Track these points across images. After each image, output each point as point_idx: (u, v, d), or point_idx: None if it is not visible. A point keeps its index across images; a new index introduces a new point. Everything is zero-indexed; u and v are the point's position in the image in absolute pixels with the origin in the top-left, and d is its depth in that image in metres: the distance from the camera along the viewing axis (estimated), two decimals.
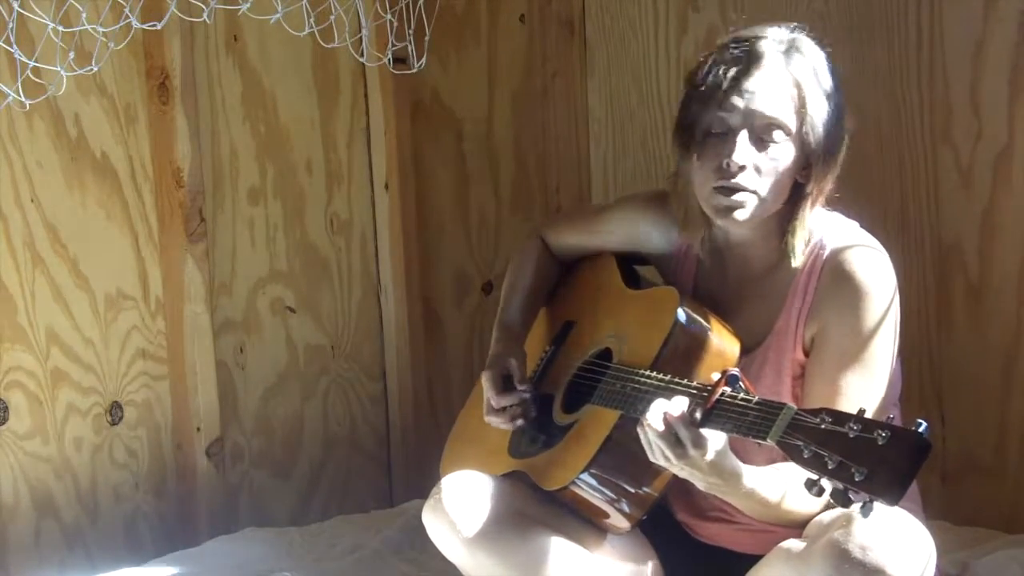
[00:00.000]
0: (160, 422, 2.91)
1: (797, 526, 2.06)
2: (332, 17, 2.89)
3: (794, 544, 2.02)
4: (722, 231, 2.20)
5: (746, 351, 2.14)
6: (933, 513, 2.42)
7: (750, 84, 2.08)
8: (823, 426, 1.76)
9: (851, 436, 1.72)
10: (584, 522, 2.21)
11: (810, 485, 1.75)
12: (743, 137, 2.07)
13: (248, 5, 2.73)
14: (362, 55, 3.01)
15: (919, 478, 2.20)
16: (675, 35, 3.18)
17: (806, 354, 2.13)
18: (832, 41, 2.88)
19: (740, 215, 2.10)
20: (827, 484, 1.74)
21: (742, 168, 2.07)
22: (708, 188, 2.11)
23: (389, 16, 2.98)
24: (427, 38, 3.03)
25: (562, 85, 3.39)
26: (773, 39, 2.13)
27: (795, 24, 2.19)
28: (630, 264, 2.40)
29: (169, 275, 2.88)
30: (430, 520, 2.23)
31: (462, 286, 3.33)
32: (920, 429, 1.69)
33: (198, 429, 2.91)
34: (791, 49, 2.12)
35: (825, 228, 2.16)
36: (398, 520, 2.90)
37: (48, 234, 2.74)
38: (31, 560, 2.75)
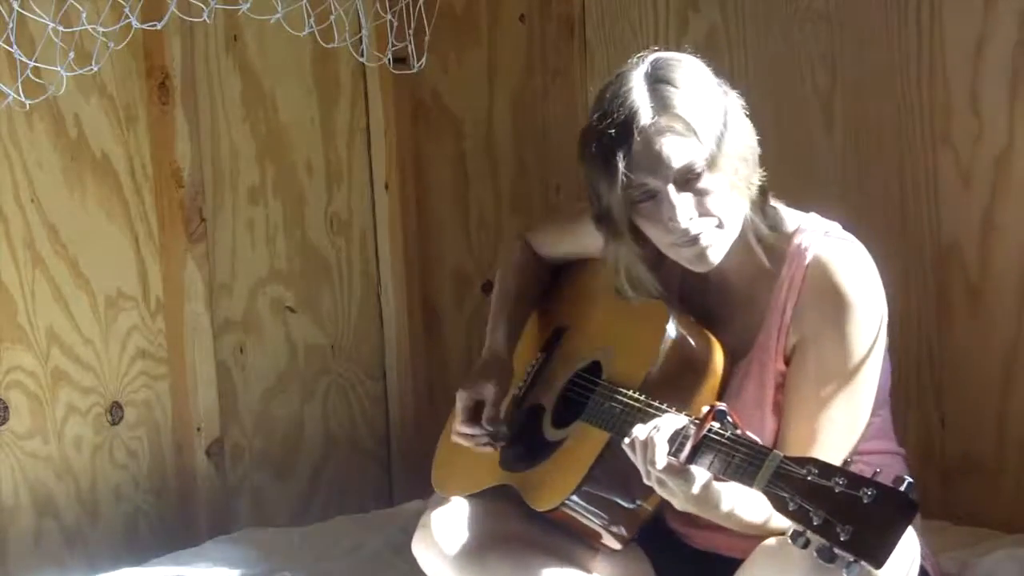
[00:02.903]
0: (160, 422, 2.91)
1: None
2: (332, 17, 2.89)
3: (777, 540, 2.01)
4: None
5: (731, 363, 2.10)
6: (932, 513, 2.42)
7: (645, 149, 1.99)
8: (809, 478, 1.73)
9: (836, 491, 1.70)
10: (576, 539, 2.19)
11: (795, 537, 1.73)
12: (672, 193, 2.00)
13: (248, 5, 2.74)
14: (362, 55, 3.01)
15: (917, 478, 2.22)
16: (675, 36, 3.18)
17: (787, 363, 2.08)
18: (832, 41, 2.91)
19: (714, 256, 2.05)
20: (813, 538, 1.71)
21: (689, 219, 2.01)
22: (668, 246, 2.06)
23: (389, 16, 2.98)
24: (427, 38, 3.03)
25: (562, 85, 3.39)
26: (635, 87, 2.02)
27: (644, 54, 2.09)
28: None
29: (169, 275, 2.88)
30: (420, 551, 2.22)
31: (462, 286, 3.33)
32: (904, 488, 1.67)
33: (198, 429, 2.91)
34: (655, 84, 2.03)
35: (804, 231, 2.11)
36: (398, 520, 2.90)
37: (48, 234, 2.74)
38: (31, 560, 2.75)
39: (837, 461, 1.92)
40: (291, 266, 3.07)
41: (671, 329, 2.10)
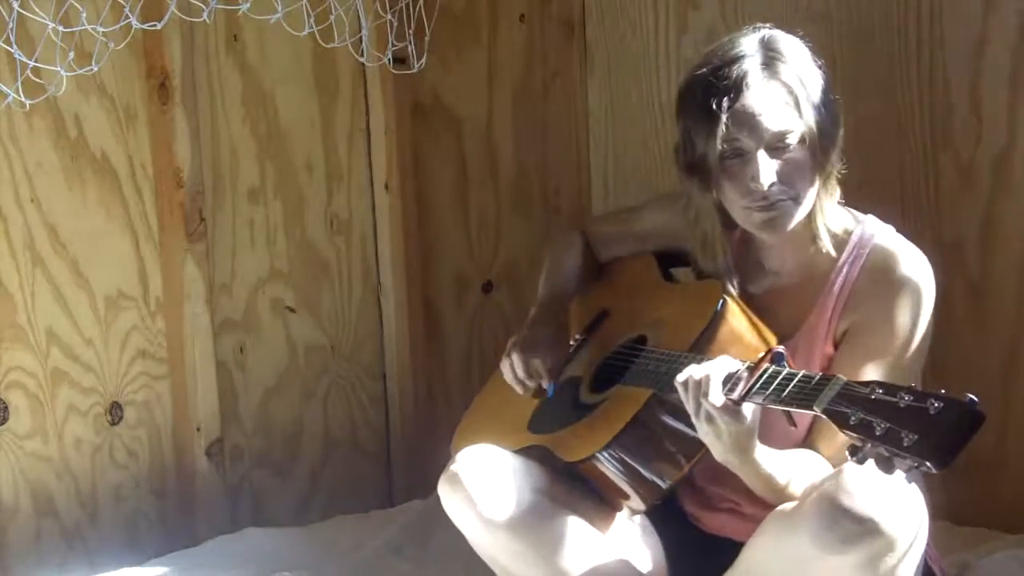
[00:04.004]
0: (160, 422, 2.91)
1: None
2: (332, 17, 2.89)
3: (788, 505, 2.03)
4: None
5: (778, 343, 2.14)
6: (933, 513, 2.41)
7: (749, 106, 2.09)
8: (873, 396, 1.76)
9: (902, 405, 1.73)
10: (596, 503, 2.22)
11: (853, 451, 1.74)
12: (762, 156, 2.09)
13: (248, 5, 2.73)
14: (362, 55, 3.01)
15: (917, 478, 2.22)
16: (675, 35, 3.18)
17: (835, 347, 2.15)
18: (832, 41, 2.91)
19: (783, 225, 2.13)
20: (871, 451, 1.72)
21: (771, 186, 2.09)
22: (741, 208, 2.14)
23: (389, 16, 2.98)
24: (427, 38, 3.03)
25: (562, 85, 3.39)
26: (749, 51, 2.13)
27: (757, 24, 2.20)
28: (668, 264, 2.43)
29: (169, 275, 2.88)
30: (447, 493, 2.21)
31: (462, 286, 3.33)
32: (969, 401, 1.70)
33: (198, 429, 2.91)
34: (769, 53, 2.13)
35: (865, 228, 2.19)
36: (398, 520, 2.90)
37: (48, 234, 2.74)
38: (31, 560, 2.75)
39: None
40: (291, 266, 3.07)
41: (723, 304, 2.15)
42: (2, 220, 2.68)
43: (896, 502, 1.91)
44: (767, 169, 2.09)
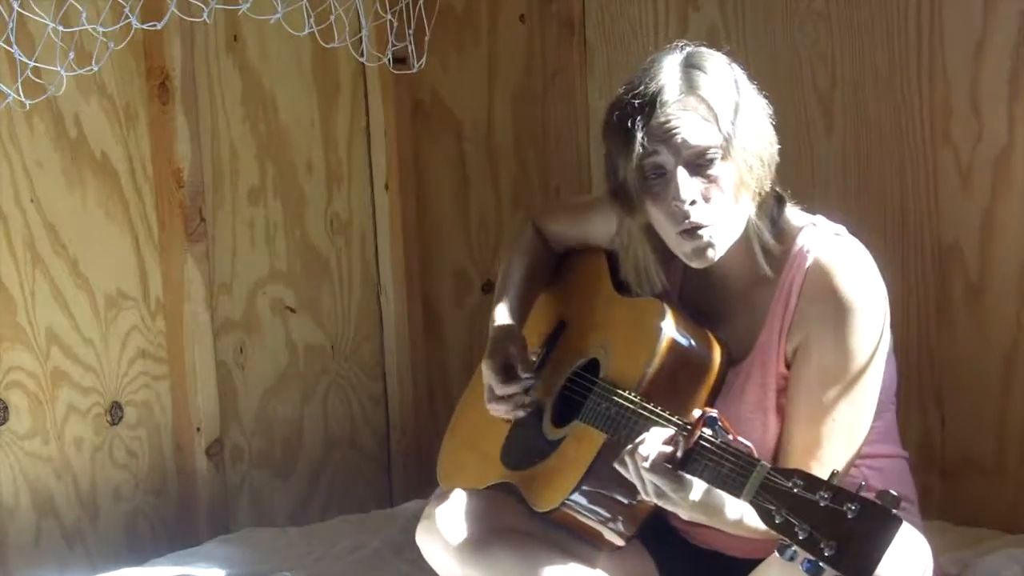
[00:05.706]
0: (160, 422, 2.91)
1: None
2: (332, 17, 2.89)
3: None
4: None
5: (731, 364, 2.10)
6: (933, 513, 2.42)
7: (664, 121, 2.02)
8: (795, 490, 1.74)
9: (821, 505, 1.71)
10: (578, 536, 2.19)
11: (782, 549, 1.74)
12: (681, 174, 2.02)
13: (248, 5, 2.74)
14: (362, 55, 3.01)
15: (917, 479, 2.23)
16: (675, 35, 3.16)
17: (788, 366, 2.08)
18: (832, 41, 2.91)
19: (712, 254, 2.06)
20: (798, 552, 1.72)
21: (692, 203, 2.02)
22: (672, 234, 2.07)
23: (389, 16, 2.98)
24: (427, 38, 3.03)
25: (562, 85, 3.39)
26: (667, 68, 2.07)
27: (682, 43, 2.13)
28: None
29: (169, 275, 2.88)
30: (424, 540, 2.23)
31: (462, 286, 3.33)
32: (888, 503, 1.68)
33: (198, 429, 2.91)
34: (687, 68, 2.06)
35: (807, 234, 2.10)
36: (398, 520, 2.90)
37: (48, 234, 2.74)
38: (31, 560, 2.75)
39: (841, 464, 1.92)
40: (291, 266, 3.08)
41: (667, 327, 2.10)
42: (2, 220, 2.68)
43: (905, 558, 1.88)
44: (688, 187, 2.01)
